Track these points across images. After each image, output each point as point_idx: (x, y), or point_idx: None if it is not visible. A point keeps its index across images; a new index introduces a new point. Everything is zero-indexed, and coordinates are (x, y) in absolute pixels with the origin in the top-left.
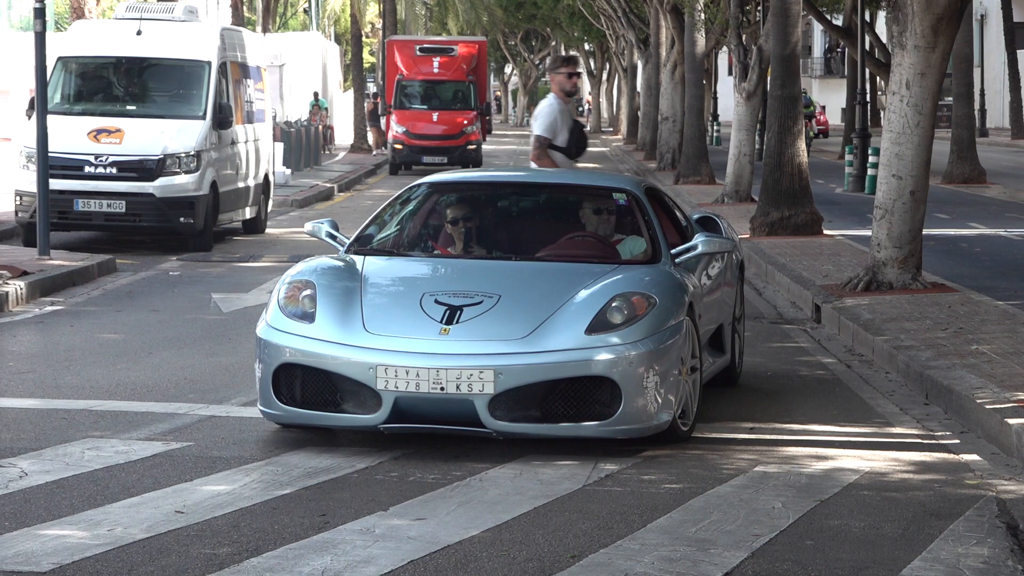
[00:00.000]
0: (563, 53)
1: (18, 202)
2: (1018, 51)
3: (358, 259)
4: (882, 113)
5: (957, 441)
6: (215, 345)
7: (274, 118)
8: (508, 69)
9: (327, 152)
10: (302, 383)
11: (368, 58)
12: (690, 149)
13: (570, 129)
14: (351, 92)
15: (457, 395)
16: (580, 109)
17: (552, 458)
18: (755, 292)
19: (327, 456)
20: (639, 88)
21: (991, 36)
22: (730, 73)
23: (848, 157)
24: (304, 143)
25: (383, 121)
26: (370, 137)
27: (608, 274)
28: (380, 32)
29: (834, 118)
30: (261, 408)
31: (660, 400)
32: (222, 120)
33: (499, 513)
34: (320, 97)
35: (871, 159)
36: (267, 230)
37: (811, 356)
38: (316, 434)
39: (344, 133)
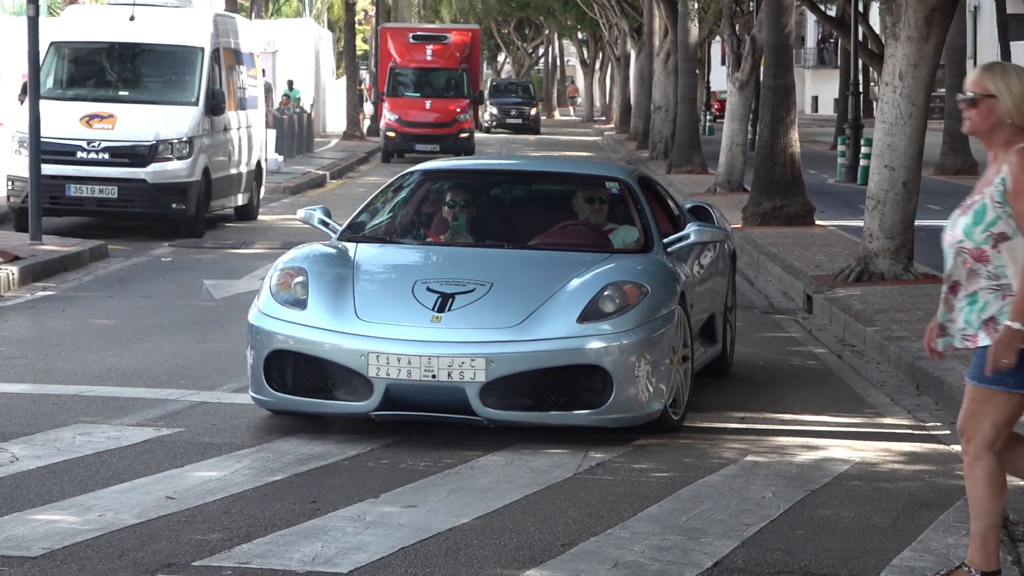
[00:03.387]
0: None
1: (10, 187)
2: (1011, 43)
3: (350, 246)
4: (875, 104)
5: (948, 432)
6: (206, 331)
7: (267, 104)
8: (501, 57)
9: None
10: (294, 370)
11: (361, 45)
12: (683, 138)
13: None
14: (344, 79)
15: (448, 383)
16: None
17: (543, 446)
18: (747, 282)
19: (318, 443)
20: (632, 77)
21: (984, 27)
22: (723, 63)
23: (840, 148)
24: (296, 130)
25: (366, 107)
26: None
27: (600, 263)
28: (373, 19)
29: (827, 108)
30: (252, 394)
31: (651, 389)
32: (215, 106)
33: (490, 501)
34: (294, 87)
35: (863, 150)
36: (259, 217)
37: (802, 346)
38: (307, 421)
39: (336, 120)
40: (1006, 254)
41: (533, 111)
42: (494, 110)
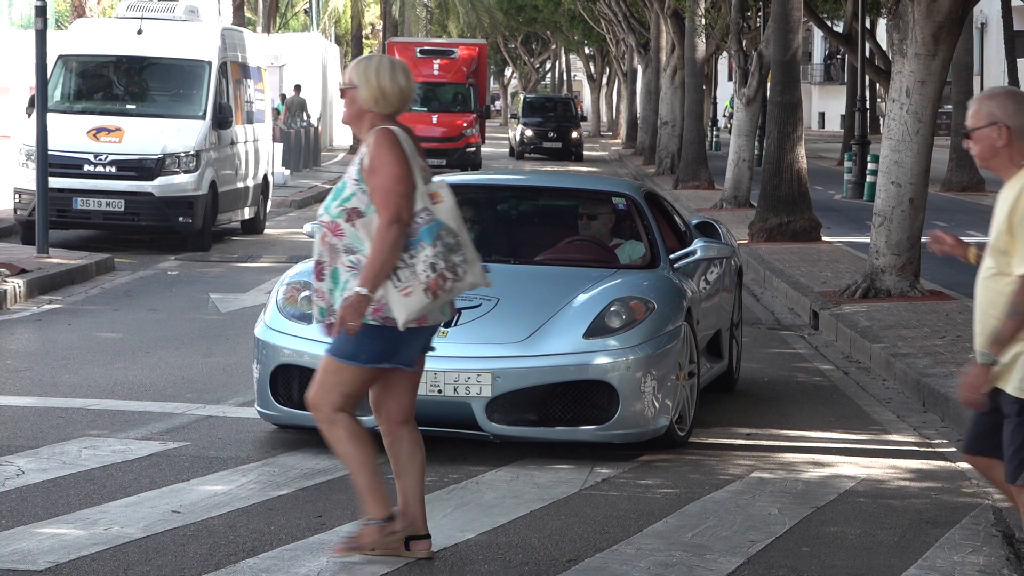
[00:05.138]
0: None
1: (17, 200)
2: (1018, 59)
3: None
4: (881, 120)
5: (954, 449)
6: (213, 345)
7: (274, 118)
8: (508, 72)
9: None
10: (300, 384)
11: None
12: (689, 154)
13: None
14: None
15: (454, 398)
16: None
17: (549, 462)
18: (753, 298)
19: (324, 457)
20: (639, 92)
21: (991, 44)
22: (730, 78)
23: (847, 164)
24: (303, 144)
25: None
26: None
27: (607, 278)
28: (380, 33)
29: (833, 125)
30: (258, 409)
31: (657, 405)
32: (222, 120)
33: (495, 516)
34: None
35: (870, 166)
36: (266, 230)
37: (809, 362)
38: (313, 435)
39: (343, 134)
40: (362, 230)
41: (575, 133)
42: (528, 132)
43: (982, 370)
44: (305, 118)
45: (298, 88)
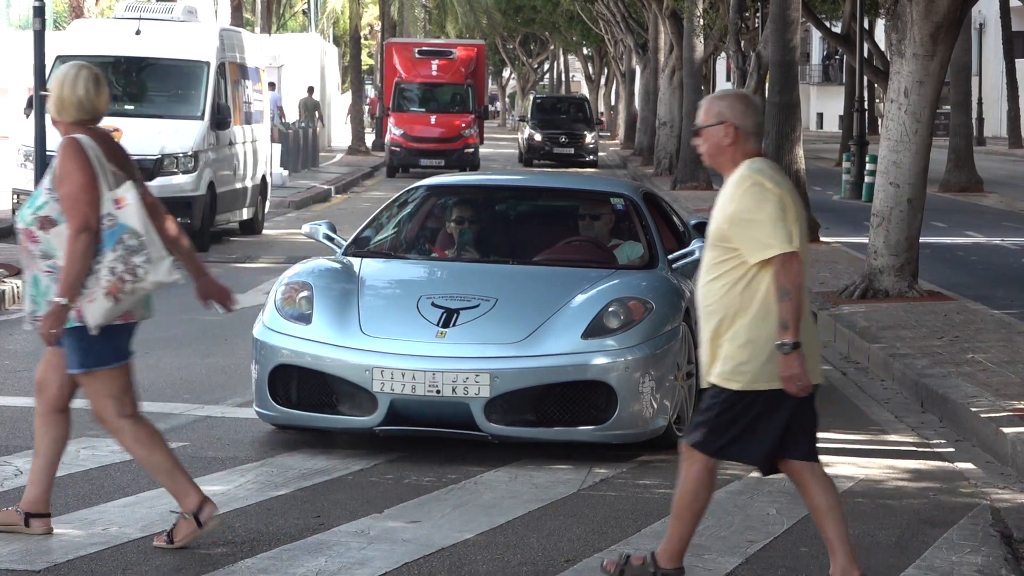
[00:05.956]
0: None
1: (15, 200)
2: (1016, 60)
3: (355, 261)
4: (880, 121)
5: (952, 449)
6: (211, 346)
7: (273, 118)
8: (506, 73)
9: None
10: (298, 384)
11: (367, 60)
12: (688, 154)
13: None
14: (349, 93)
15: (453, 398)
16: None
17: (547, 462)
18: None
19: (322, 458)
20: (637, 93)
21: (989, 45)
22: (728, 79)
23: (845, 164)
24: (302, 145)
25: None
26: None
27: (605, 279)
28: (379, 34)
29: (831, 125)
30: (257, 409)
31: (656, 405)
32: (220, 121)
33: (494, 516)
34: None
35: (868, 167)
36: (264, 231)
37: None
38: (311, 436)
39: (341, 135)
40: (55, 239)
41: (590, 137)
42: (537, 136)
43: None
44: (317, 117)
45: (311, 90)
